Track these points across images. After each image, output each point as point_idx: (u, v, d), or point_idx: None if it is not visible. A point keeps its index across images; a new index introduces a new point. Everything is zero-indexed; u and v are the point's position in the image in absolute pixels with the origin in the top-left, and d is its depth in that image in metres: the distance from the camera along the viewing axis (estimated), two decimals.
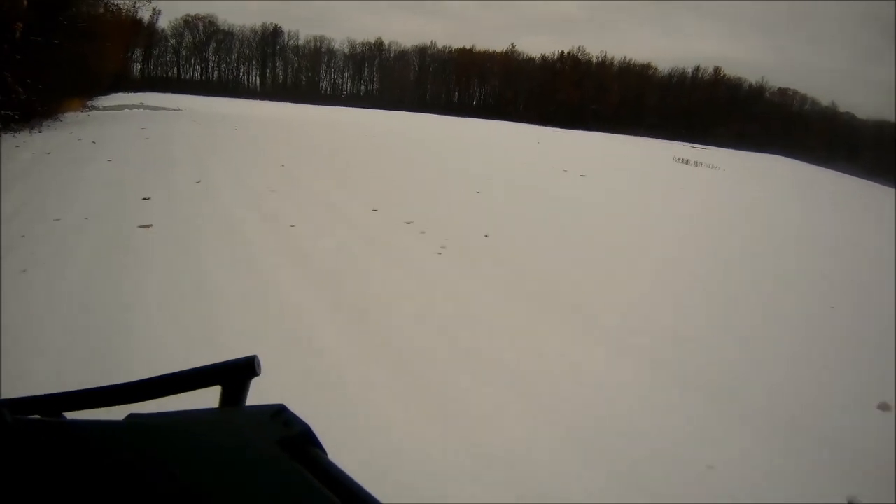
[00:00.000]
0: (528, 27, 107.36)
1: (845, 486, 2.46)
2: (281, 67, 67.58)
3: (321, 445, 0.37)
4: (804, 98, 62.53)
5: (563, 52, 67.88)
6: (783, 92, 62.99)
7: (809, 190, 22.69)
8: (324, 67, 69.23)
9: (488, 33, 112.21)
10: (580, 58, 67.24)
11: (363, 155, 14.03)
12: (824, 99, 64.53)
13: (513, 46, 70.60)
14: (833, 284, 6.24)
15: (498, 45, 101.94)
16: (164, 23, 57.48)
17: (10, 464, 0.34)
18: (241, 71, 65.45)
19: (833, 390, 3.41)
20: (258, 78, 65.86)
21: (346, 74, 71.19)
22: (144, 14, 47.02)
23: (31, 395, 0.43)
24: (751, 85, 65.45)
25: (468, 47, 71.26)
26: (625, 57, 69.79)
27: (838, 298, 5.54)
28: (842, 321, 4.83)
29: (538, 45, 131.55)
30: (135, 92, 38.37)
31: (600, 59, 67.86)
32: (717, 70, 66.30)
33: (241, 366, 0.42)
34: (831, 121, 60.67)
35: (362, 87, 72.27)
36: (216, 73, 63.24)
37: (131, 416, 0.40)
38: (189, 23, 60.68)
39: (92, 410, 0.44)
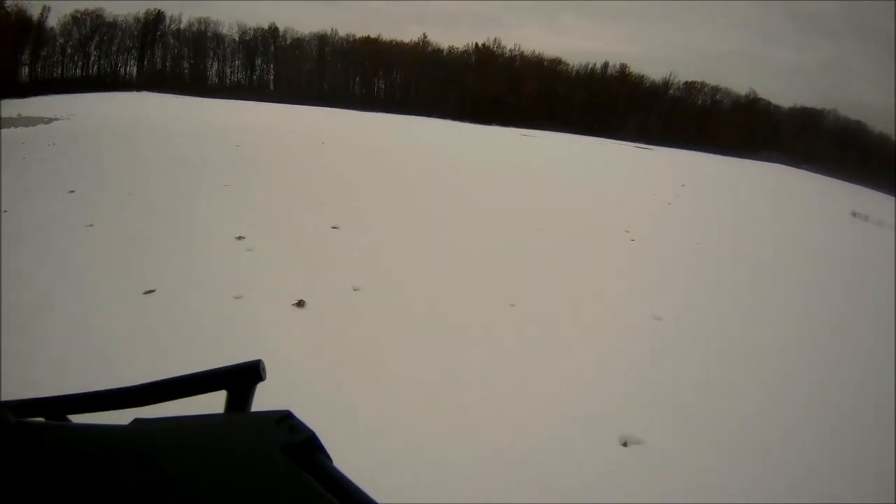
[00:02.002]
0: (434, 19, 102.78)
1: None
2: (160, 54, 57.99)
3: (326, 452, 0.37)
4: (716, 89, 64.15)
5: (477, 44, 64.76)
6: (690, 85, 64.53)
7: None
8: (210, 54, 60.25)
9: (393, 23, 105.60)
10: (495, 50, 64.51)
11: None
12: (742, 88, 65.85)
13: (424, 36, 66.01)
14: None
15: (405, 35, 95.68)
16: (53, 21, 50.97)
17: (14, 467, 0.33)
18: (120, 62, 56.05)
19: None
20: (135, 67, 56.39)
21: (237, 63, 62.64)
22: (34, 13, 44.60)
23: (34, 396, 0.43)
24: (653, 81, 66.54)
25: (374, 36, 65.79)
26: (534, 50, 68.11)
27: None
28: None
29: (445, 37, 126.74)
30: (21, 98, 32.63)
31: (515, 53, 65.69)
32: (623, 66, 66.65)
33: (245, 370, 0.42)
34: (748, 111, 62.60)
35: (255, 78, 64.10)
36: (96, 67, 54.11)
37: (137, 421, 0.40)
38: (77, 19, 52.34)
39: (97, 414, 0.43)
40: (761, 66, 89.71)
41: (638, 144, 44.81)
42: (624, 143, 46.47)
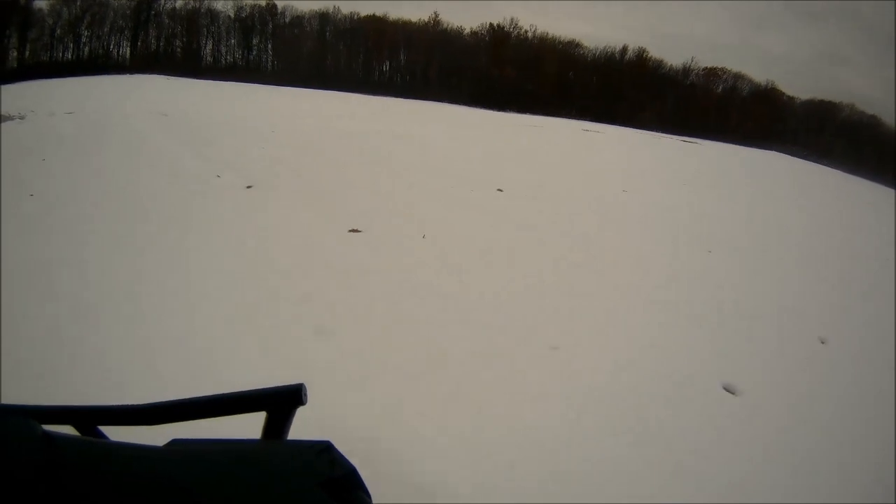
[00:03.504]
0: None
1: None
2: (154, 35, 52.79)
3: (365, 488, 0.36)
4: (737, 76, 61.75)
5: (492, 24, 60.96)
6: (710, 71, 62.00)
7: None
8: (204, 32, 55.18)
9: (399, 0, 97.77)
10: (511, 31, 60.83)
11: None
12: (761, 78, 63.34)
13: (436, 15, 61.82)
14: None
15: (412, 14, 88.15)
16: (41, 2, 46.72)
17: (37, 483, 0.31)
18: (112, 43, 51.00)
19: None
20: (128, 49, 51.04)
21: (232, 42, 57.67)
22: None
23: (64, 404, 0.41)
24: (671, 66, 63.81)
25: (379, 15, 61.37)
26: (548, 32, 64.49)
27: None
28: None
29: (456, 16, 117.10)
30: (4, 83, 28.17)
31: (532, 34, 62.07)
32: (641, 50, 63.77)
33: (287, 393, 0.41)
34: (766, 100, 60.32)
35: (251, 58, 59.29)
36: (87, 49, 49.28)
37: (173, 443, 0.39)
38: None
39: (129, 428, 0.42)
40: (774, 58, 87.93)
41: (684, 138, 42.14)
42: (671, 136, 43.79)
